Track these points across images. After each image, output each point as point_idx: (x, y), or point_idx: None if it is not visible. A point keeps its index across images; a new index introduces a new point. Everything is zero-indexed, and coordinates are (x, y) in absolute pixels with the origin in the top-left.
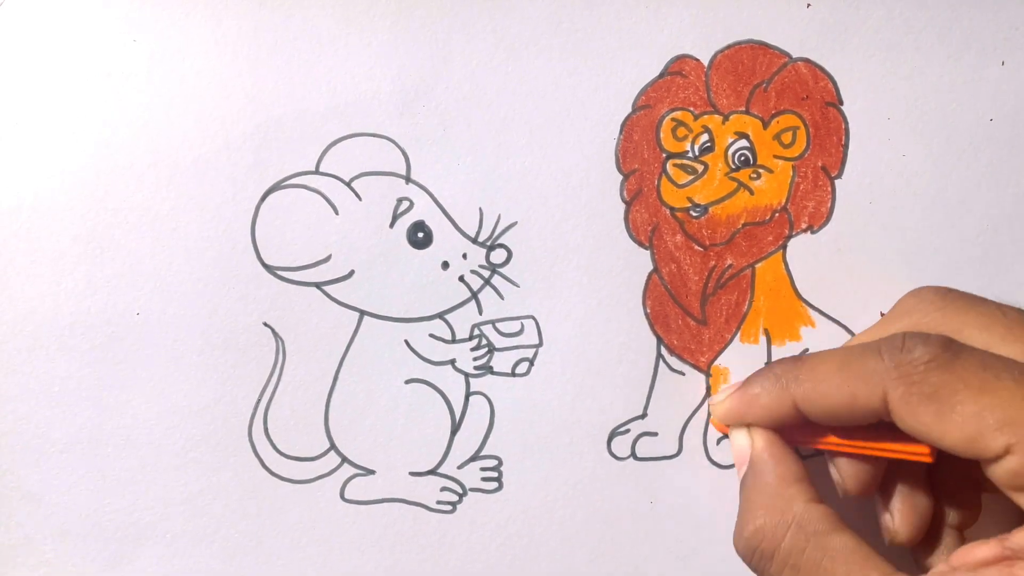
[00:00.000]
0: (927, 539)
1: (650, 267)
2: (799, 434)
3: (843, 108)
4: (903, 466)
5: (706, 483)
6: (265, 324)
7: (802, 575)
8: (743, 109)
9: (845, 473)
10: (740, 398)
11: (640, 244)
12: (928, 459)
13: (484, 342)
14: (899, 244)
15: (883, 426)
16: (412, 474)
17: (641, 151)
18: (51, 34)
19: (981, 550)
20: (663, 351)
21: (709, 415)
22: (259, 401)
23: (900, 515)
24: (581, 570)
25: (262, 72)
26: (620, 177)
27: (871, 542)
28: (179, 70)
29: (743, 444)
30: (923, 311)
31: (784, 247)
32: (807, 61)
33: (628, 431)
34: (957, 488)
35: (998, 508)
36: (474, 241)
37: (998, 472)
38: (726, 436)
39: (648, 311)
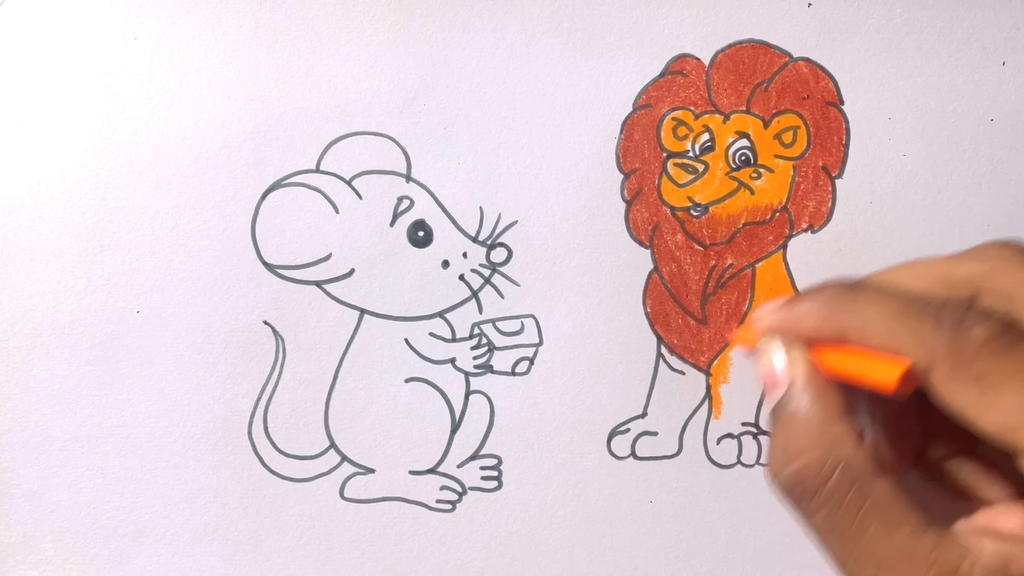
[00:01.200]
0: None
1: (650, 266)
2: None
3: (844, 108)
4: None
5: (706, 483)
6: (265, 322)
7: (838, 517)
8: (744, 108)
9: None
10: (789, 313)
11: (641, 243)
12: (890, 390)
13: (484, 341)
14: (899, 244)
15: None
16: (412, 473)
17: (642, 150)
18: (52, 33)
19: (1004, 520)
20: (663, 350)
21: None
22: (259, 399)
23: (888, 436)
24: (581, 569)
25: (262, 71)
26: (621, 176)
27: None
28: (179, 69)
29: (778, 364)
30: (999, 263)
31: (784, 247)
32: (808, 61)
33: (628, 430)
34: (943, 424)
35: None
36: (474, 240)
37: None
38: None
39: (648, 310)
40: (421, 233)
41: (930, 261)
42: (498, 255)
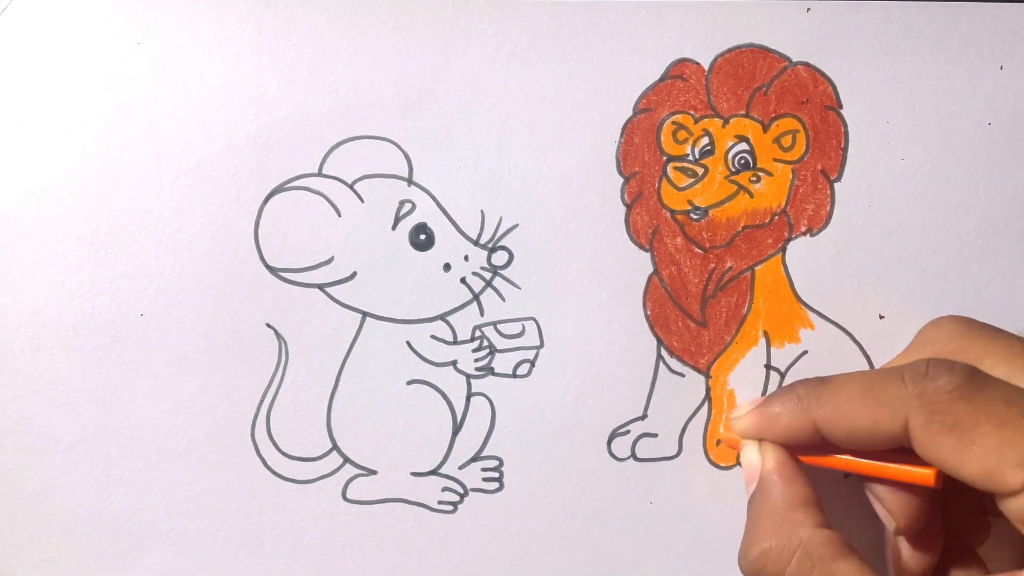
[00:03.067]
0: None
1: (650, 269)
2: (812, 451)
3: (842, 112)
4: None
5: (706, 483)
6: (268, 325)
7: None
8: (743, 112)
9: (893, 507)
10: (760, 415)
11: (640, 246)
12: (932, 484)
13: (485, 343)
14: (898, 247)
15: (895, 451)
16: (414, 474)
17: (642, 154)
18: (56, 37)
19: None
20: (663, 353)
21: (721, 429)
22: (262, 401)
23: (912, 547)
24: (581, 570)
25: (265, 75)
26: (621, 180)
27: (877, 567)
28: (183, 73)
29: (754, 460)
30: (945, 341)
31: (784, 250)
32: (807, 65)
33: (628, 432)
34: (966, 512)
35: (1007, 528)
36: (476, 243)
37: (1012, 507)
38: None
39: (648, 313)
40: (423, 236)
41: (896, 357)
42: (499, 258)
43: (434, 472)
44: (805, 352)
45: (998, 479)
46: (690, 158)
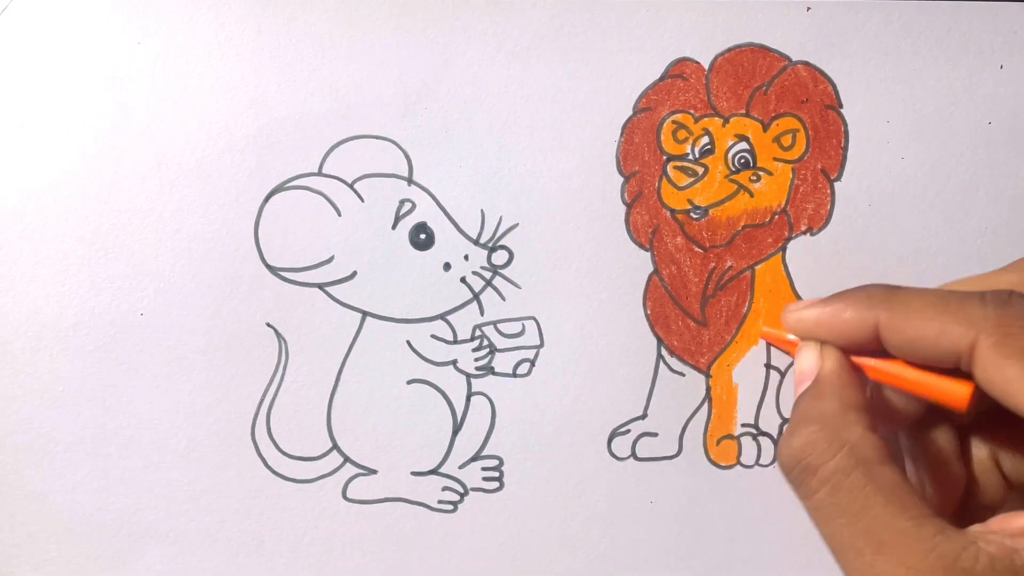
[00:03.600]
0: (958, 515)
1: (650, 269)
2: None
3: (842, 111)
4: (939, 437)
5: (706, 483)
6: (268, 325)
7: (840, 496)
8: (743, 112)
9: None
10: (823, 309)
11: (641, 246)
12: (963, 407)
13: (485, 343)
14: (898, 246)
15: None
16: (414, 474)
17: (642, 153)
18: (55, 37)
19: (1017, 520)
20: (663, 352)
21: (762, 324)
22: (262, 401)
23: (933, 483)
24: (581, 570)
25: (265, 74)
26: (621, 179)
27: None
28: (183, 73)
29: (812, 361)
30: None
31: (784, 249)
32: (807, 64)
33: (628, 431)
34: (985, 475)
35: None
36: (476, 243)
37: None
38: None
39: (648, 312)
40: (423, 236)
41: (963, 280)
42: (499, 257)
43: (434, 472)
44: None
45: None
46: (690, 157)
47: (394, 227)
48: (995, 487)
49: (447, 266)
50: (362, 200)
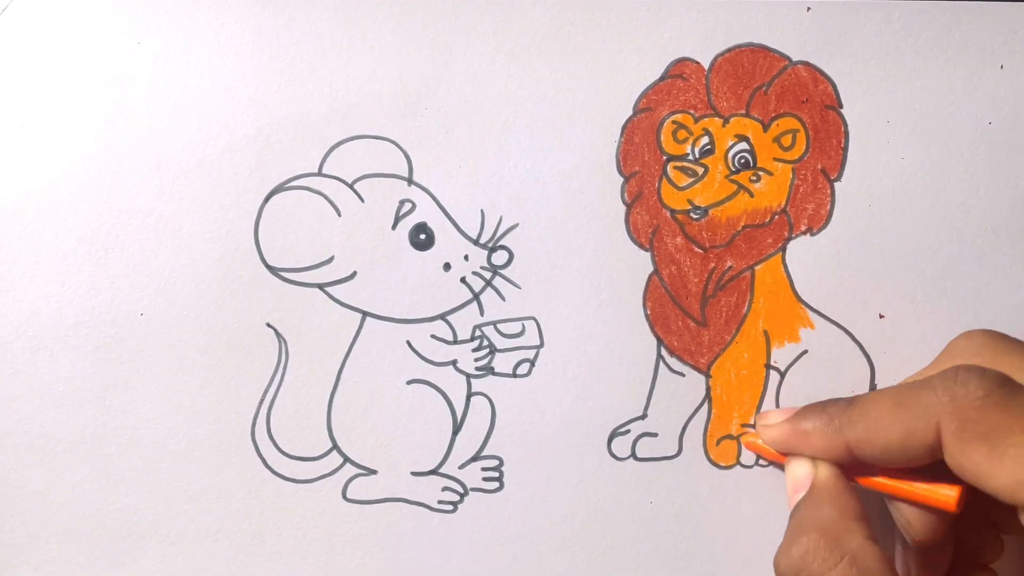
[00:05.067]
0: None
1: (650, 269)
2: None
3: (842, 111)
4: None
5: (706, 483)
6: (268, 325)
7: None
8: (743, 112)
9: (912, 519)
10: (792, 432)
11: (640, 246)
12: (953, 509)
13: (485, 343)
14: (898, 246)
15: (917, 471)
16: (414, 474)
17: (642, 153)
18: (55, 37)
19: None
20: (663, 352)
21: (733, 433)
22: (262, 401)
23: (924, 558)
24: (581, 570)
25: (265, 75)
26: (621, 179)
27: None
28: (183, 73)
29: (804, 472)
30: (973, 353)
31: (784, 249)
32: (807, 64)
33: (628, 432)
34: (980, 527)
35: (1021, 547)
36: (476, 243)
37: None
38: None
39: (648, 312)
40: (423, 236)
41: (921, 371)
42: (499, 258)
43: (434, 472)
44: (805, 352)
45: None
46: (690, 157)
47: (394, 227)
48: (991, 542)
49: (447, 266)
50: (362, 200)
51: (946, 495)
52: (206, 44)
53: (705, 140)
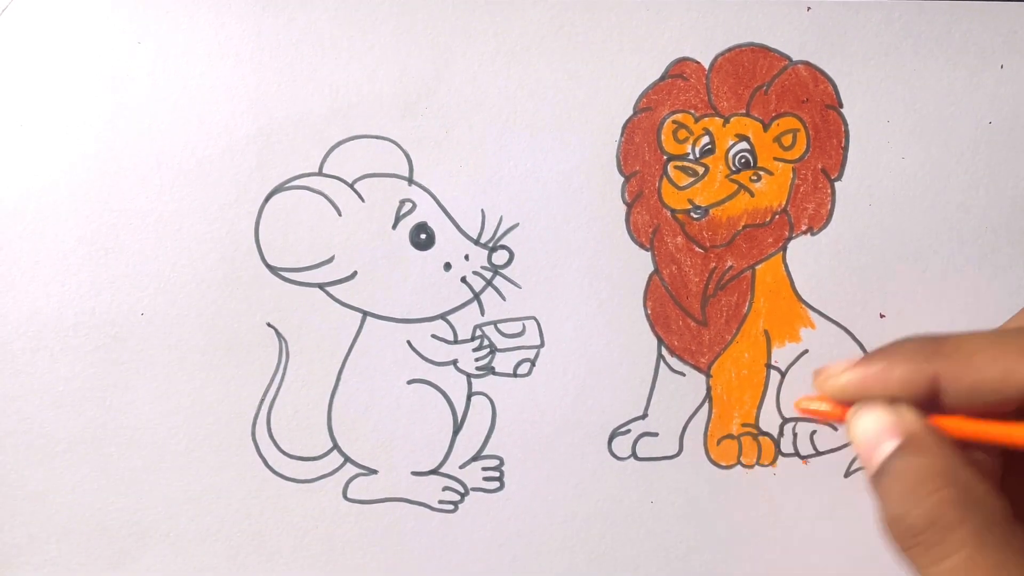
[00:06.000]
0: None
1: (651, 268)
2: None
3: (843, 111)
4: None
5: (706, 483)
6: (268, 324)
7: (987, 554)
8: (744, 112)
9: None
10: (868, 370)
11: (641, 246)
12: None
13: (486, 343)
14: (898, 246)
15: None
16: (414, 474)
17: (642, 153)
18: (55, 37)
19: None
20: (664, 352)
21: (791, 399)
22: (262, 401)
23: None
24: (581, 570)
25: (265, 74)
26: (621, 179)
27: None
28: (183, 72)
29: (881, 423)
30: None
31: (784, 249)
32: (807, 64)
33: (629, 431)
34: None
35: None
36: (476, 242)
37: None
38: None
39: (649, 312)
40: (423, 236)
41: (1015, 316)
42: (500, 257)
43: (435, 471)
44: (806, 351)
45: None
46: (691, 157)
47: (394, 227)
48: None
49: (447, 266)
50: (362, 200)
51: None
52: (206, 44)
53: (705, 140)
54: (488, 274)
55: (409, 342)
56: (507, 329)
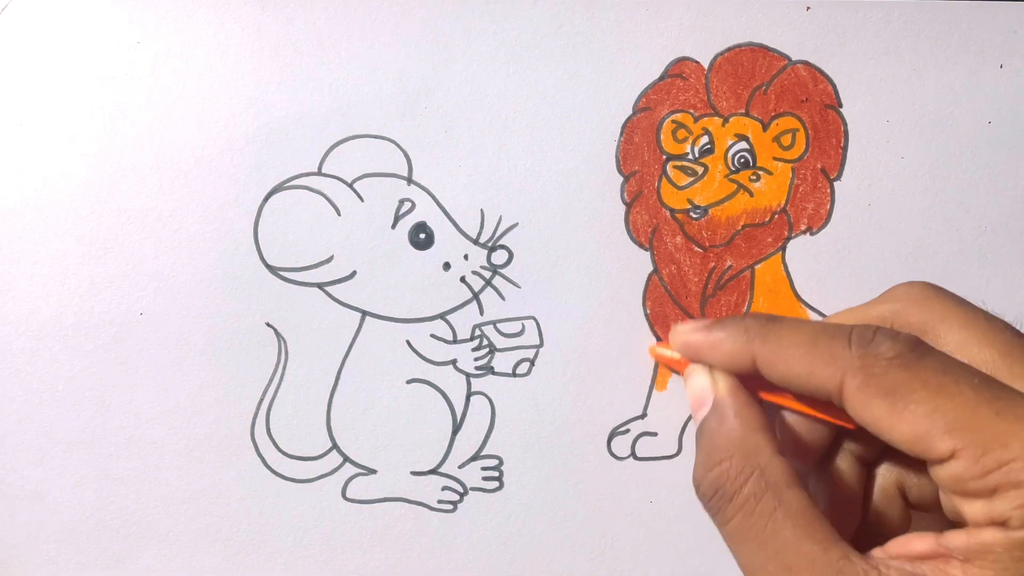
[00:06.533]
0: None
1: (650, 268)
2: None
3: (842, 111)
4: (839, 467)
5: None
6: (268, 324)
7: (753, 521)
8: (743, 111)
9: (792, 433)
10: (705, 337)
11: (640, 245)
12: (851, 426)
13: (485, 342)
14: (897, 246)
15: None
16: (413, 473)
17: (642, 153)
18: (55, 36)
19: (917, 543)
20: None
21: (655, 346)
22: (261, 401)
23: (833, 510)
24: (581, 569)
25: (264, 74)
26: (620, 179)
27: None
28: (182, 72)
29: (704, 385)
30: (908, 301)
31: (783, 248)
32: (807, 64)
33: (628, 431)
34: (887, 501)
35: (925, 524)
36: (475, 242)
37: (941, 474)
38: (672, 371)
39: (648, 312)
40: (422, 235)
41: (842, 312)
42: (499, 257)
43: (434, 471)
44: None
45: (927, 445)
46: (690, 157)
47: (394, 227)
48: (899, 514)
49: (447, 266)
50: (362, 200)
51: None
52: (206, 44)
53: (705, 139)
54: (487, 274)
55: (408, 342)
56: (506, 329)
